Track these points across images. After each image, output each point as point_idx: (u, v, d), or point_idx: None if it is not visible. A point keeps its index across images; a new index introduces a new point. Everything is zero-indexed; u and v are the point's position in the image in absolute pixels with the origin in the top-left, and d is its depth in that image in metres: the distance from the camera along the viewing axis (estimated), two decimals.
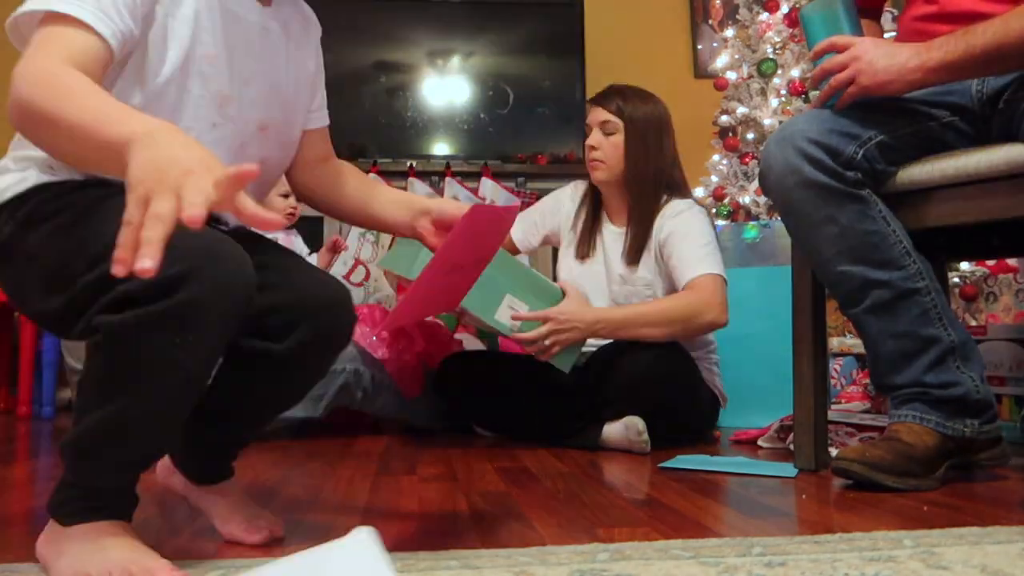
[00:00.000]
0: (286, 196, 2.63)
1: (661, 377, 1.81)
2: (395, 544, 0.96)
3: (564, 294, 1.83)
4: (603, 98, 2.02)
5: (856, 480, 1.27)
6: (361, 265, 3.30)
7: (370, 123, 3.62)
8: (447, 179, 3.38)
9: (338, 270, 2.86)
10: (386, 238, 3.36)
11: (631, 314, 1.85)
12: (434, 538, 1.01)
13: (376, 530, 0.59)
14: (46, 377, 2.82)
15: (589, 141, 2.00)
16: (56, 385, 2.83)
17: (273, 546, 0.95)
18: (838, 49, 1.32)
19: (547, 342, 1.76)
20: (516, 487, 1.34)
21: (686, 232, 1.91)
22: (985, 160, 1.28)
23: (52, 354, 2.76)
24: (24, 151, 0.90)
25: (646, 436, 1.74)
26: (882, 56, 1.28)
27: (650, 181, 1.98)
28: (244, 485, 1.38)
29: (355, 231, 3.33)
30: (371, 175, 3.37)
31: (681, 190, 2.03)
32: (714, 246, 1.92)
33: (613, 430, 1.80)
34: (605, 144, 1.98)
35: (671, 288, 1.93)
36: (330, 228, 3.43)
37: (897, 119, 1.36)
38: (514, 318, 1.75)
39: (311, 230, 3.22)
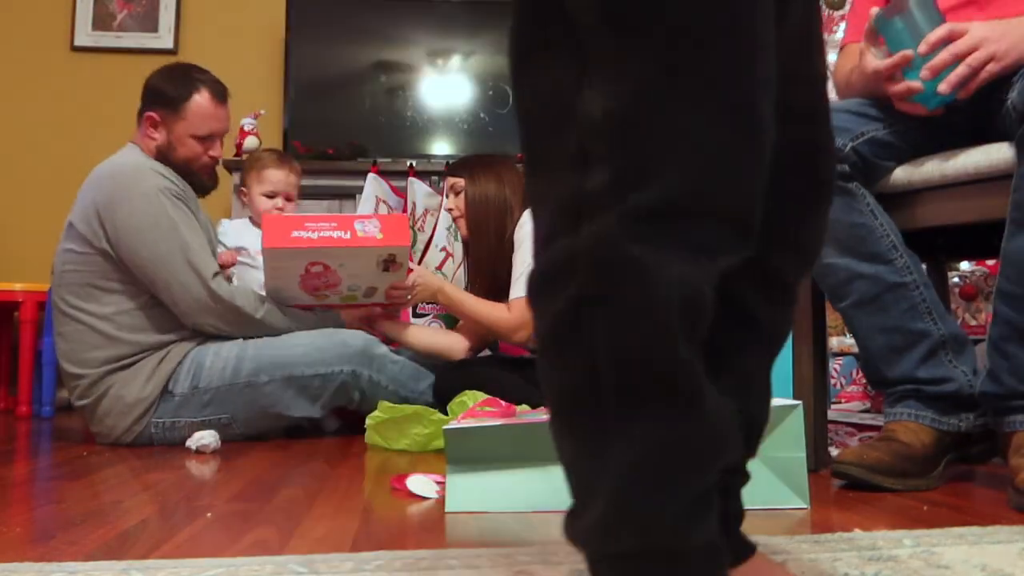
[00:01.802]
0: (271, 196, 2.38)
1: None
2: (395, 544, 0.96)
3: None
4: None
5: (855, 482, 1.27)
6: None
7: (370, 123, 3.61)
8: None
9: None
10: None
11: (464, 300, 2.17)
12: (434, 537, 1.01)
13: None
14: (46, 377, 2.82)
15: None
16: (56, 385, 2.83)
17: (272, 546, 0.95)
18: (955, 37, 1.29)
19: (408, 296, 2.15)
20: None
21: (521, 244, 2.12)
22: (985, 160, 1.28)
23: (52, 354, 2.75)
24: None
25: None
26: (1007, 32, 1.27)
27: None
28: (243, 485, 1.38)
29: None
30: (371, 175, 3.37)
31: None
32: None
33: None
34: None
35: None
36: None
37: (894, 116, 1.36)
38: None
39: None
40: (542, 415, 1.28)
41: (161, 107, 2.08)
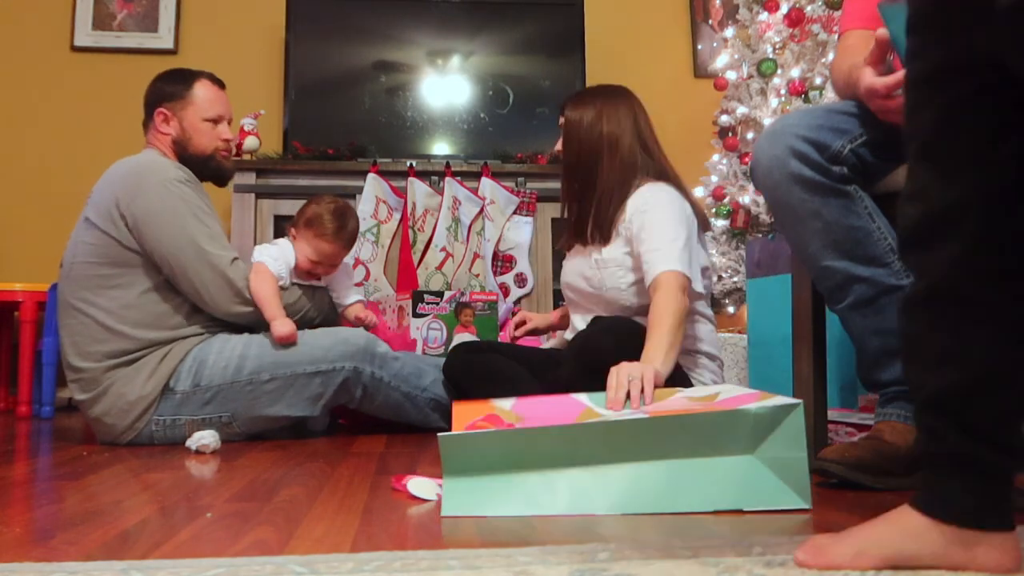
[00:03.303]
0: (315, 263, 2.17)
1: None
2: (395, 544, 0.96)
3: None
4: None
5: (837, 479, 1.27)
6: (361, 264, 3.30)
7: (370, 123, 3.62)
8: (447, 179, 3.39)
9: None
10: (386, 238, 3.37)
11: (672, 343, 1.64)
12: (434, 538, 1.01)
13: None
14: (46, 377, 2.82)
15: None
16: (56, 385, 2.84)
17: (272, 546, 0.95)
18: None
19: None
20: None
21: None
22: None
23: (52, 354, 2.76)
24: None
25: None
26: None
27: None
28: (244, 485, 1.38)
29: None
30: (371, 175, 3.37)
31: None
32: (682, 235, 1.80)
33: None
34: None
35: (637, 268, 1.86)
36: None
37: None
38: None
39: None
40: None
41: (167, 101, 2.15)
